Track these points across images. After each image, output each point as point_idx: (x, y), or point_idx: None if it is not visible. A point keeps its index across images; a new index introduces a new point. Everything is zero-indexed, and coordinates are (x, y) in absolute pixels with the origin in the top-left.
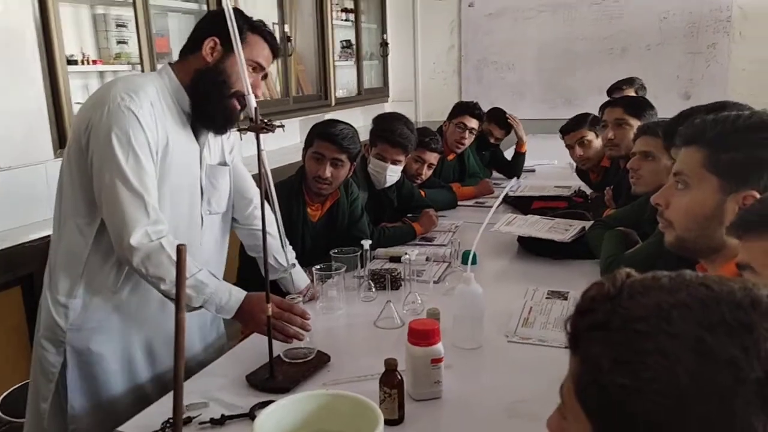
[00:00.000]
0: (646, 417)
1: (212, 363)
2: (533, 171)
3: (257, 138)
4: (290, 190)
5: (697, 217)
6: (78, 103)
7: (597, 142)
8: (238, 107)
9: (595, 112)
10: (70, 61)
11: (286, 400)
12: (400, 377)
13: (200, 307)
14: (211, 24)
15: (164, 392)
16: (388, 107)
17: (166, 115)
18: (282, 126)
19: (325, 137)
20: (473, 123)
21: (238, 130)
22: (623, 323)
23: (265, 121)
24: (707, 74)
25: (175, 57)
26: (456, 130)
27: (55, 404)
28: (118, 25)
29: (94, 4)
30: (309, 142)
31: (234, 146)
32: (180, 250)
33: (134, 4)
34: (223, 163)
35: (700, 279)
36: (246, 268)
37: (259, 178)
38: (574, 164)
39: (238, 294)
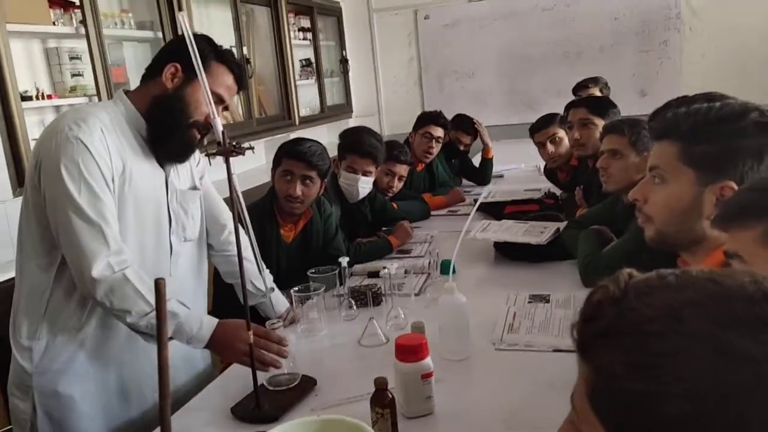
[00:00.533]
0: (666, 420)
1: (196, 396)
2: (502, 176)
3: (227, 162)
4: (262, 211)
5: (676, 210)
6: (35, 139)
7: (567, 140)
8: (197, 136)
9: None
10: (24, 97)
11: (277, 430)
12: (391, 396)
13: (170, 339)
14: (174, 49)
15: (149, 430)
16: (352, 123)
17: (122, 142)
18: (252, 148)
19: (293, 155)
20: (439, 132)
21: (207, 155)
22: (633, 326)
23: (234, 144)
24: (661, 70)
25: (134, 86)
26: (423, 140)
27: None
28: (72, 58)
29: (46, 38)
30: (277, 161)
31: (204, 171)
32: (159, 284)
33: (87, 35)
34: (194, 188)
35: (706, 275)
36: (221, 296)
37: (231, 202)
38: (541, 166)
39: (210, 322)
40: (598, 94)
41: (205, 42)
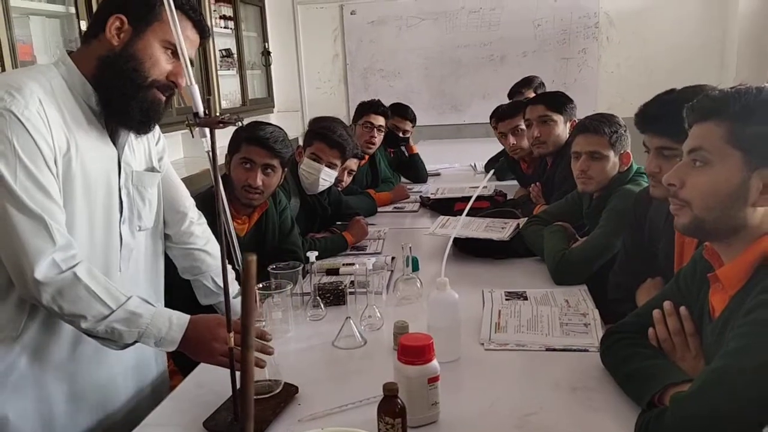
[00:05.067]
0: None
1: (156, 409)
2: (439, 174)
3: (212, 135)
4: (212, 202)
5: (720, 195)
6: None
7: None
8: (162, 98)
9: (481, 116)
10: None
11: None
12: (401, 404)
13: (134, 342)
14: (116, 1)
15: None
16: (273, 117)
17: (64, 114)
18: (240, 119)
19: (255, 141)
20: (380, 120)
21: (188, 125)
22: None
23: (218, 114)
24: (579, 78)
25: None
26: (364, 131)
27: None
28: None
29: None
30: (234, 147)
31: (164, 151)
32: (248, 261)
33: None
34: (151, 169)
35: None
36: (169, 295)
37: (215, 183)
38: (478, 164)
39: (180, 320)
40: (533, 95)
41: None
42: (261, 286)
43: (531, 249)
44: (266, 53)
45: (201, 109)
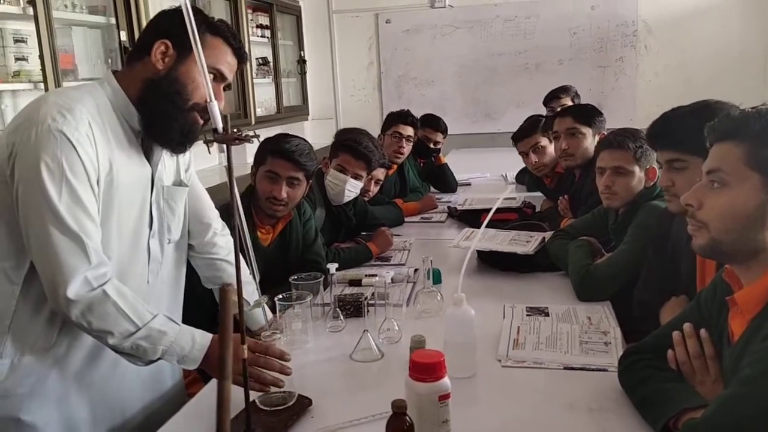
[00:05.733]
0: None
1: (170, 420)
2: (469, 184)
3: (228, 151)
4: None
5: (738, 217)
6: None
7: (551, 148)
8: (200, 122)
9: (515, 125)
10: None
11: None
12: (410, 421)
13: (158, 359)
14: (162, 25)
15: None
16: (308, 125)
17: (108, 135)
18: (256, 136)
19: (280, 154)
20: (409, 131)
21: (205, 142)
22: None
23: (235, 130)
24: (617, 86)
25: (82, 74)
26: (392, 141)
27: None
28: (17, 41)
29: None
30: (260, 159)
31: (190, 162)
32: (225, 291)
33: (36, 17)
34: (179, 183)
35: None
36: (191, 305)
37: (231, 198)
38: (508, 175)
39: (203, 339)
40: (570, 103)
41: (194, 13)
42: (281, 296)
43: (556, 263)
44: (302, 61)
45: (220, 126)
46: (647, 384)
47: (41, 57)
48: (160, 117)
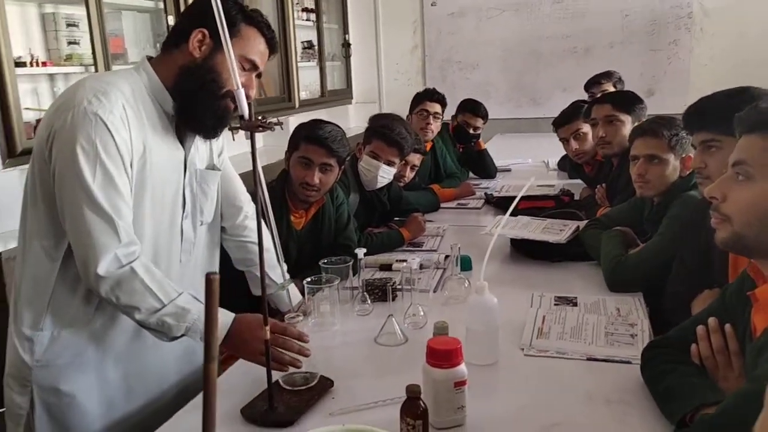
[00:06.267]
0: None
1: (200, 394)
2: (509, 170)
3: (252, 138)
4: (272, 196)
5: (762, 211)
6: (28, 108)
7: (591, 135)
8: (232, 107)
9: (561, 110)
10: (18, 63)
11: None
12: (424, 406)
13: (181, 335)
14: (199, 13)
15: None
16: (351, 109)
17: (143, 119)
18: (280, 124)
19: (313, 140)
20: (436, 107)
21: (230, 129)
22: None
23: (260, 118)
24: (669, 71)
25: (132, 58)
26: (419, 118)
27: None
28: (69, 25)
29: (43, 3)
30: (294, 145)
31: (223, 146)
32: (211, 280)
33: (86, 2)
34: (212, 167)
35: None
36: (225, 283)
37: (254, 184)
38: (550, 161)
39: (225, 318)
40: (612, 89)
41: (231, 2)
42: (310, 279)
43: (589, 253)
44: (346, 45)
45: (246, 113)
46: (668, 377)
47: (92, 41)
48: (195, 103)
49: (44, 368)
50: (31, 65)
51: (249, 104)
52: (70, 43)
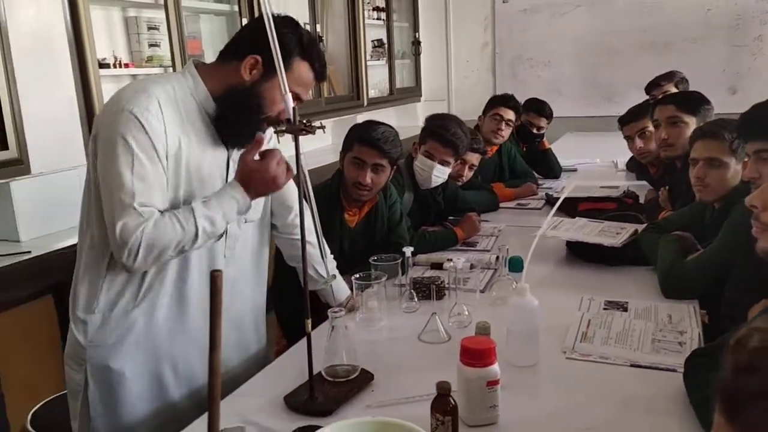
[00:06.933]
0: None
1: (249, 381)
2: (575, 170)
3: (296, 140)
4: (327, 194)
5: None
6: None
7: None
8: (266, 127)
9: None
10: (102, 65)
11: (330, 430)
12: (453, 403)
13: (227, 224)
14: (257, 39)
15: (200, 411)
16: (420, 107)
17: (182, 117)
18: (322, 127)
19: (366, 141)
20: (509, 114)
21: (276, 132)
22: None
23: (304, 122)
24: (754, 67)
25: (209, 59)
26: (492, 122)
27: (83, 424)
28: (150, 28)
29: (126, 7)
30: (348, 145)
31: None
32: (215, 277)
33: (165, 6)
34: None
35: None
36: (282, 277)
37: (298, 183)
38: (618, 161)
39: (233, 184)
40: (674, 90)
41: (290, 32)
42: (359, 275)
43: (647, 257)
44: (416, 43)
45: (292, 117)
46: (707, 387)
47: (171, 43)
48: (235, 121)
49: (96, 348)
50: (114, 66)
51: (294, 109)
52: (151, 45)
